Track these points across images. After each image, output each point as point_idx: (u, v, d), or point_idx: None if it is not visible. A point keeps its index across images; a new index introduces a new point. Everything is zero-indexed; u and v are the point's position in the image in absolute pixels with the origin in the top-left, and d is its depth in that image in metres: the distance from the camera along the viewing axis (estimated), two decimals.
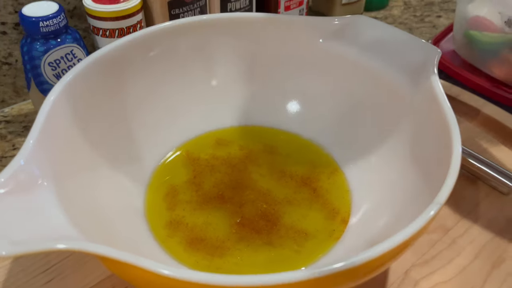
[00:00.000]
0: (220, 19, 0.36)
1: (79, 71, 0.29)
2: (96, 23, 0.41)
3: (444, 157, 0.25)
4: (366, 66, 0.34)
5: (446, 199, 0.22)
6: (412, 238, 0.20)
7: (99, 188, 0.28)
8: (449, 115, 0.26)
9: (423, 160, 0.28)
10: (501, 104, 0.47)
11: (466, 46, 0.53)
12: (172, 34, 0.34)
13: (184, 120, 0.36)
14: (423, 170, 0.28)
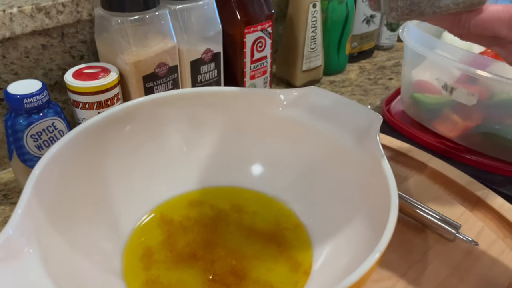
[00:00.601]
0: (190, 93, 0.40)
1: (61, 146, 0.32)
2: (76, 97, 0.45)
3: (386, 210, 0.29)
4: (320, 130, 0.39)
5: (385, 247, 0.25)
6: (358, 283, 0.24)
7: (80, 252, 0.31)
8: (388, 175, 0.30)
9: (370, 212, 0.32)
10: (445, 157, 0.52)
11: (413, 107, 0.59)
12: (147, 107, 0.38)
13: (159, 184, 0.40)
14: (371, 220, 0.32)
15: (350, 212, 0.35)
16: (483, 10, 0.28)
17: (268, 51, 0.59)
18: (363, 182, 0.34)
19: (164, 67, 0.48)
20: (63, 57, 0.50)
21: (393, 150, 0.52)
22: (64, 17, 0.47)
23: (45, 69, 0.49)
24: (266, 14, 0.56)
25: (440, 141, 0.54)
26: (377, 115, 0.37)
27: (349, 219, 0.35)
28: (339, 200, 0.37)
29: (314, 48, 0.68)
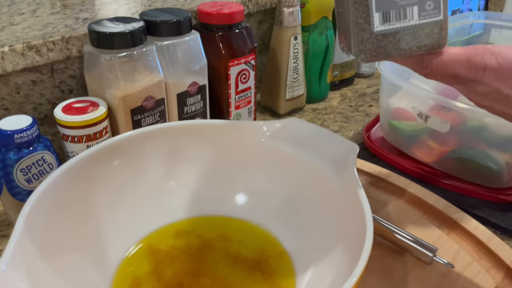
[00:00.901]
0: (176, 126, 0.42)
1: (50, 182, 0.34)
2: (65, 131, 0.46)
3: (362, 237, 0.30)
4: (300, 160, 0.41)
5: (360, 273, 0.27)
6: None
7: (70, 285, 0.32)
8: (364, 204, 0.32)
9: (349, 239, 0.34)
10: (423, 182, 0.54)
11: (391, 134, 0.61)
12: (133, 141, 0.40)
13: (146, 215, 0.41)
14: (349, 247, 0.33)
15: (331, 239, 0.36)
16: (443, 52, 0.31)
17: (252, 82, 0.62)
18: (341, 210, 0.36)
19: (151, 100, 0.50)
20: (53, 92, 0.52)
21: (373, 175, 0.54)
22: (54, 54, 0.49)
23: (35, 104, 0.51)
24: (250, 47, 0.59)
25: (418, 166, 0.57)
26: (353, 145, 0.39)
27: (330, 246, 0.36)
28: (320, 227, 0.38)
29: (297, 78, 0.70)
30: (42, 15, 0.55)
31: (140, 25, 0.48)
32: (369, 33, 0.30)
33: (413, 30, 0.30)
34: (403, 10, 0.30)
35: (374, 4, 0.29)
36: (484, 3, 1.02)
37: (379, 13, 0.30)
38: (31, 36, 0.48)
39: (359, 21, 0.30)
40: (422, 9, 0.30)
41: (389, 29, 0.30)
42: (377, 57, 0.31)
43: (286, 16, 0.65)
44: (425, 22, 0.30)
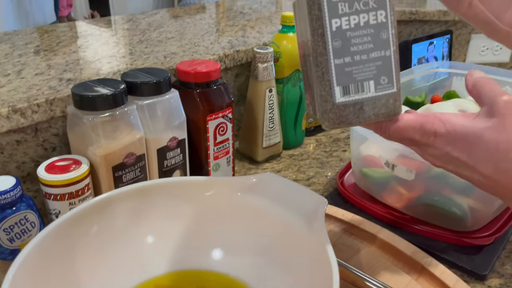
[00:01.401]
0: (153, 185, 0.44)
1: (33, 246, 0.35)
2: (48, 190, 0.48)
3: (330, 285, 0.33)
4: (274, 215, 0.43)
5: None
6: None
7: None
8: (331, 257, 0.35)
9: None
10: (394, 227, 0.57)
11: (363, 180, 0.65)
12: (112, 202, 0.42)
13: (126, 272, 0.42)
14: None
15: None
16: (399, 119, 0.35)
17: (229, 134, 0.65)
18: (311, 263, 0.38)
19: (132, 156, 0.53)
20: (36, 150, 0.53)
21: (346, 222, 0.57)
22: (39, 116, 0.51)
23: (19, 162, 0.52)
24: (227, 102, 0.62)
25: (389, 212, 0.60)
26: (323, 199, 0.42)
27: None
28: (292, 279, 0.40)
29: (273, 127, 0.74)
30: (27, 76, 0.58)
31: (122, 87, 0.51)
32: (331, 104, 0.34)
33: (371, 101, 0.34)
34: (360, 84, 0.33)
35: (335, 79, 0.33)
36: (447, 50, 1.09)
37: (339, 86, 0.33)
38: (16, 99, 0.50)
39: (323, 93, 0.34)
40: (377, 83, 0.33)
41: (349, 101, 0.33)
42: (339, 124, 0.34)
43: (261, 71, 0.69)
44: (381, 94, 0.34)
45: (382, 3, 0.32)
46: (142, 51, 0.72)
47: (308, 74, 0.37)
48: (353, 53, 0.33)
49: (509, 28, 0.39)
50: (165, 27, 0.89)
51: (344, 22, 0.32)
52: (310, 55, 0.34)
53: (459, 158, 0.34)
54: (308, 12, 0.32)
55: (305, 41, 0.35)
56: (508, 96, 0.33)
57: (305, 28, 0.34)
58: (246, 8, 1.11)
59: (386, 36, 0.33)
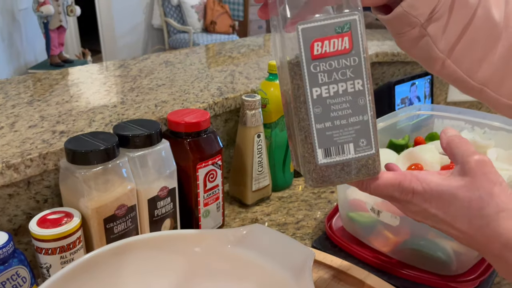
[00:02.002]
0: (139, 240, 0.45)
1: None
2: (39, 244, 0.49)
3: None
4: (263, 267, 0.44)
5: None
6: None
7: None
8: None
9: None
10: (382, 271, 0.58)
11: (350, 224, 0.66)
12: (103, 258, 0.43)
13: None
14: None
15: None
16: (379, 177, 0.37)
17: (219, 180, 0.66)
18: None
19: (123, 208, 0.54)
20: (28, 203, 0.54)
21: (334, 269, 0.58)
22: (32, 170, 0.52)
23: (10, 216, 0.53)
24: (216, 149, 0.64)
25: (376, 256, 0.61)
26: (310, 251, 0.43)
27: None
28: None
29: (262, 170, 0.75)
30: (21, 129, 0.59)
31: (114, 141, 0.52)
32: (314, 165, 0.36)
33: (352, 162, 0.36)
34: (341, 147, 0.35)
35: (317, 143, 0.35)
36: (429, 90, 1.14)
37: (321, 149, 0.35)
38: (10, 154, 0.51)
39: (305, 155, 0.36)
40: (357, 146, 0.36)
41: (331, 162, 0.35)
42: (322, 184, 0.36)
43: (249, 117, 0.71)
44: (361, 156, 0.36)
45: (359, 73, 0.35)
46: (133, 99, 0.74)
47: (290, 123, 0.39)
48: (333, 118, 0.35)
49: (481, 86, 0.42)
50: (155, 73, 0.91)
51: (324, 91, 0.34)
52: (291, 109, 0.37)
53: (436, 214, 0.36)
54: (291, 81, 0.35)
55: (287, 90, 0.38)
56: (479, 156, 0.35)
57: (287, 86, 0.37)
58: (235, 52, 1.14)
59: (363, 102, 0.35)
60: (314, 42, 0.33)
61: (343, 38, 0.34)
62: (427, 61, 0.43)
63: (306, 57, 0.34)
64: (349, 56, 0.34)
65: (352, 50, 0.34)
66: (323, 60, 0.34)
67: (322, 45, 0.34)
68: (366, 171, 0.36)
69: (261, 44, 1.25)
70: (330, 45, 0.34)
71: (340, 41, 0.34)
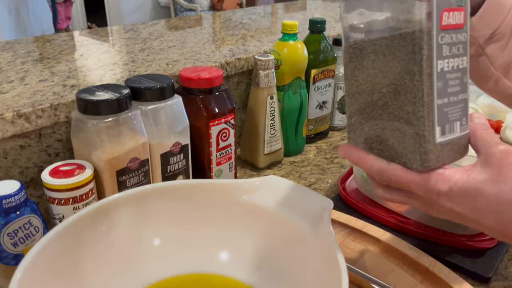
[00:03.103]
0: (160, 188, 0.44)
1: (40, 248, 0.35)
2: (52, 194, 0.48)
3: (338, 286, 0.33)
4: (279, 217, 0.43)
5: None
6: None
7: None
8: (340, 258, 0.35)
9: None
10: (397, 231, 0.57)
11: (365, 185, 0.65)
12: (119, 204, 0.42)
13: (133, 275, 0.42)
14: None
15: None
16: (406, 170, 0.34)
17: (232, 140, 0.65)
18: (318, 264, 0.38)
19: (136, 161, 0.53)
20: (40, 156, 0.53)
21: (349, 227, 0.57)
22: (43, 120, 0.51)
23: (22, 168, 0.52)
24: (229, 108, 0.63)
25: (392, 216, 0.60)
26: (328, 201, 0.42)
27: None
28: (299, 280, 0.40)
29: (274, 133, 0.74)
30: (31, 83, 0.58)
31: (126, 92, 0.51)
32: (432, 144, 0.33)
33: (457, 141, 0.35)
34: (452, 125, 0.34)
35: (437, 119, 0.33)
36: None
37: (439, 127, 0.33)
38: (21, 104, 0.50)
39: (425, 134, 0.33)
40: (461, 124, 0.35)
41: (444, 141, 0.34)
42: (436, 164, 0.34)
43: (262, 78, 0.70)
44: (462, 135, 0.35)
45: (466, 50, 0.34)
46: (144, 58, 0.72)
47: (384, 121, 0.36)
48: (449, 95, 0.34)
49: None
50: (165, 36, 0.89)
51: (445, 64, 0.33)
52: (404, 96, 0.34)
53: (462, 213, 0.33)
54: (417, 52, 0.32)
55: (382, 84, 0.35)
56: (504, 146, 0.33)
57: (390, 71, 0.34)
58: (245, 18, 1.12)
59: (466, 80, 0.34)
60: (444, 12, 0.32)
61: (460, 12, 0.33)
62: (480, 78, 0.41)
63: (437, 27, 0.32)
64: (462, 31, 0.34)
65: (464, 26, 0.34)
66: (447, 32, 0.33)
67: (448, 16, 0.32)
68: (463, 151, 0.35)
69: (271, 12, 1.22)
70: (453, 17, 0.33)
71: (459, 15, 0.33)
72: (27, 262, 0.33)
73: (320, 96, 0.83)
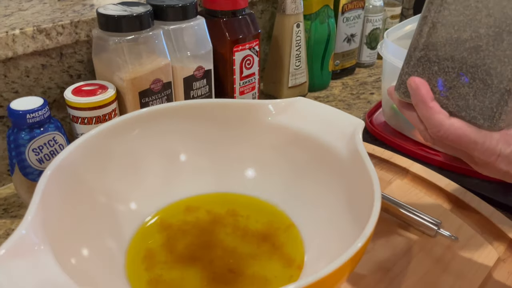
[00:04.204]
0: (187, 105, 0.43)
1: (68, 153, 0.35)
2: (75, 113, 0.47)
3: (370, 205, 0.31)
4: (307, 137, 0.42)
5: (370, 233, 0.28)
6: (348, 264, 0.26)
7: (85, 252, 0.33)
8: (371, 171, 0.33)
9: (354, 208, 0.35)
10: (426, 163, 0.55)
11: (393, 118, 0.63)
12: (148, 117, 0.41)
13: (157, 191, 0.42)
14: (355, 215, 0.34)
15: (338, 211, 0.37)
16: (461, 125, 0.31)
17: (256, 68, 0.63)
18: (348, 182, 0.37)
19: (158, 83, 0.51)
20: (62, 76, 0.52)
21: (376, 157, 0.55)
22: (64, 38, 0.49)
23: (44, 88, 0.52)
24: (253, 33, 0.60)
25: (420, 148, 0.58)
26: (359, 121, 0.40)
27: (338, 216, 0.37)
28: (327, 199, 0.39)
29: (299, 65, 0.71)
30: (50, 2, 0.56)
31: (148, 9, 0.49)
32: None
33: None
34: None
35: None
36: None
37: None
38: (41, 20, 0.49)
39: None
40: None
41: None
42: (505, 126, 0.31)
43: (289, 3, 0.66)
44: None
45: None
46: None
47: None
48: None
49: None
50: None
51: None
52: (508, 44, 0.30)
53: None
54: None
55: (483, 23, 0.30)
56: None
57: (500, 10, 0.30)
58: None
59: None
60: None
61: None
62: None
63: None
64: None
65: None
66: None
67: None
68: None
69: None
70: None
71: None
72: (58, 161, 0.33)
73: (348, 29, 0.79)
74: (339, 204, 0.38)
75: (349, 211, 0.36)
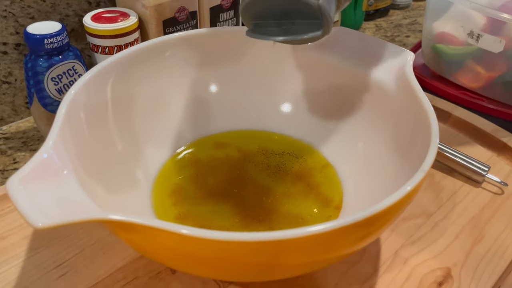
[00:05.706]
0: (219, 31, 0.39)
1: (94, 74, 0.32)
2: (95, 41, 0.44)
3: (423, 138, 0.28)
4: (349, 69, 0.38)
5: (429, 167, 0.25)
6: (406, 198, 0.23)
7: (110, 182, 0.30)
8: (425, 103, 0.30)
9: (403, 144, 0.32)
10: (468, 108, 0.51)
11: (434, 59, 0.58)
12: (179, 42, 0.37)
13: (185, 123, 0.39)
14: (403, 153, 0.31)
15: (382, 148, 0.34)
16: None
17: None
18: (397, 117, 0.34)
19: (183, 12, 0.47)
20: (80, 3, 0.49)
21: None
22: None
23: (62, 15, 0.48)
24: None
25: (463, 92, 0.53)
26: (409, 52, 0.36)
27: (381, 156, 0.34)
28: (369, 137, 0.36)
29: None
30: None
31: None
32: None
33: None
34: None
35: None
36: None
37: None
38: None
39: None
40: None
41: None
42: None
43: None
44: None
45: None
46: None
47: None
48: None
49: None
50: None
51: None
52: None
53: None
54: None
55: None
56: None
57: None
58: None
59: None
60: None
61: None
62: None
63: None
64: None
65: None
66: None
67: None
68: None
69: None
70: None
71: None
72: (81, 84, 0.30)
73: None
74: (384, 143, 0.34)
75: (395, 149, 0.33)
